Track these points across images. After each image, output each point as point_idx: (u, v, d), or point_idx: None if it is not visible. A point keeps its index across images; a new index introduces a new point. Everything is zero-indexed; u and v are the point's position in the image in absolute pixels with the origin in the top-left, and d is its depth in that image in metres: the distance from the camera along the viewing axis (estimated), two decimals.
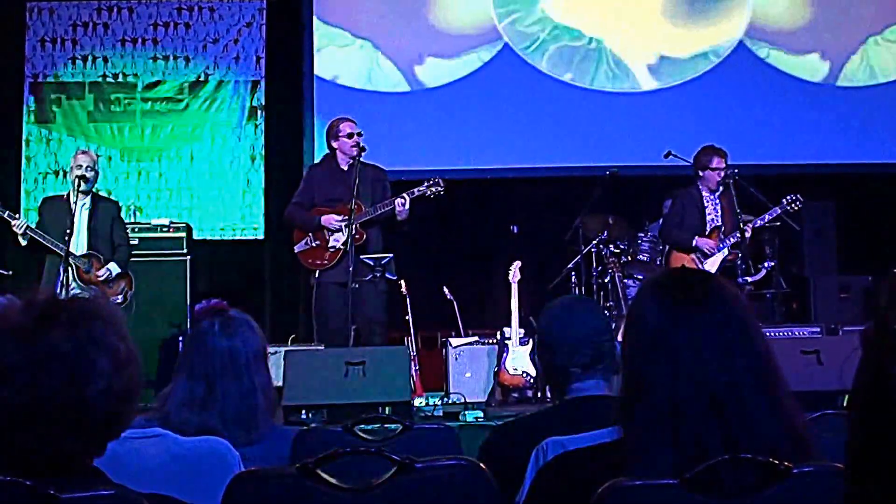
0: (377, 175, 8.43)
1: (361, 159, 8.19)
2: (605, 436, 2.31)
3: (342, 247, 8.03)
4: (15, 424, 1.91)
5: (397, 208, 8.11)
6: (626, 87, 11.40)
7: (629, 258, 9.36)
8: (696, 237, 8.76)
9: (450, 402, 7.95)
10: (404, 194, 8.14)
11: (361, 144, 8.21)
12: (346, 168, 8.27)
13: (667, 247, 9.23)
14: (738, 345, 2.10)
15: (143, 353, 2.13)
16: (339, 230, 8.12)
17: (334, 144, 8.32)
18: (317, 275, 8.28)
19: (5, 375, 1.91)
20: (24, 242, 8.10)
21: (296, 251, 8.40)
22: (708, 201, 8.87)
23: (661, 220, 10.08)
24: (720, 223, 8.77)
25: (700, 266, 8.57)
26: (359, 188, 8.04)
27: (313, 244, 8.24)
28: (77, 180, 8.26)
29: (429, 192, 8.23)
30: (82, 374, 1.92)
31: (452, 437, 3.45)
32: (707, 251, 8.70)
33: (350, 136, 8.25)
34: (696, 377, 2.06)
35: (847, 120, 11.39)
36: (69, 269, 8.05)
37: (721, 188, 8.76)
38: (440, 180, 8.24)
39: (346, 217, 8.01)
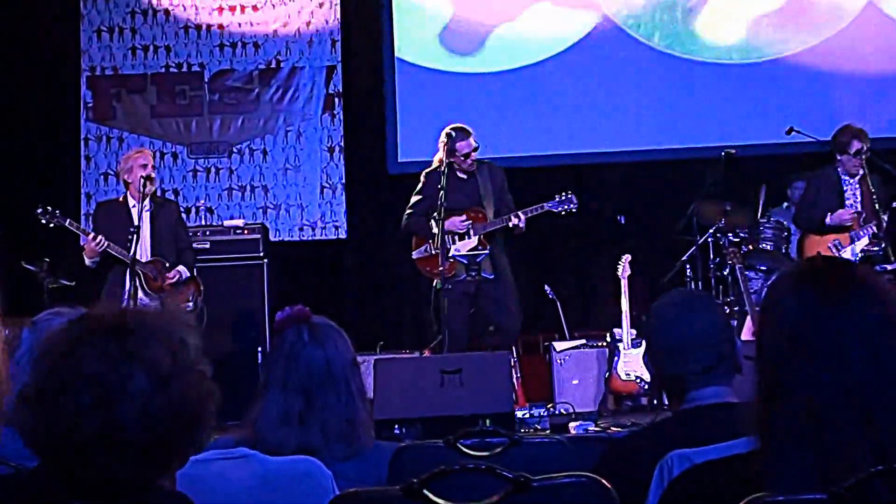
0: (495, 175, 8.72)
1: (477, 158, 8.58)
2: (738, 447, 2.29)
3: (462, 258, 8.31)
4: (61, 449, 1.96)
5: (512, 224, 8.40)
6: (740, 58, 11.24)
7: (750, 247, 9.23)
8: (830, 213, 8.64)
9: (556, 412, 7.94)
10: (519, 213, 8.41)
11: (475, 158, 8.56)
12: (464, 177, 8.58)
13: (795, 234, 9.12)
14: (888, 343, 2.06)
15: (217, 365, 2.14)
16: (463, 237, 8.42)
17: (450, 159, 8.47)
18: (435, 283, 8.40)
19: (40, 399, 1.96)
20: (89, 263, 8.18)
21: (413, 257, 8.54)
22: (847, 185, 8.74)
23: (784, 205, 9.97)
24: (860, 209, 8.63)
25: (838, 255, 8.43)
26: (482, 197, 8.53)
27: (433, 251, 8.36)
28: (143, 181, 8.28)
29: (560, 210, 8.44)
30: (111, 395, 1.94)
31: (565, 451, 3.44)
32: (846, 221, 8.55)
33: (467, 155, 8.50)
34: (840, 380, 2.04)
35: None
36: (138, 277, 8.12)
37: (861, 171, 8.61)
38: (573, 197, 8.45)
39: (470, 220, 8.41)
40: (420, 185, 8.67)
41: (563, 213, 8.51)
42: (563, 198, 8.48)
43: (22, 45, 11.47)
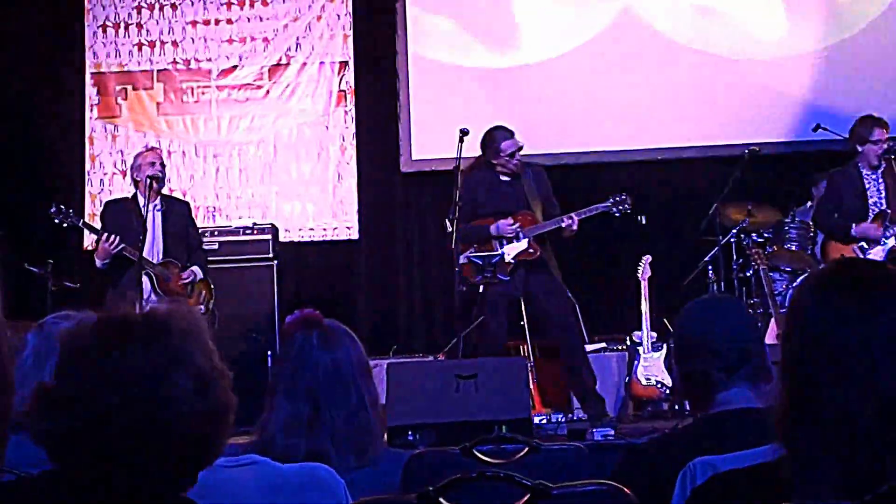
0: (539, 176, 8.65)
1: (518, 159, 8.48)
2: (764, 454, 2.28)
3: (512, 261, 8.21)
4: (90, 453, 1.94)
5: (563, 226, 8.32)
6: (763, 53, 11.19)
7: (775, 248, 9.22)
8: (855, 225, 8.58)
9: (575, 418, 7.93)
10: (572, 214, 8.33)
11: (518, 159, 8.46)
12: (507, 178, 8.50)
13: (821, 235, 9.09)
14: None
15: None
16: (512, 241, 8.31)
17: (493, 160, 8.42)
18: (481, 288, 8.36)
19: (74, 401, 1.93)
20: (100, 264, 8.17)
21: (459, 263, 8.49)
22: (869, 181, 8.69)
23: (808, 204, 9.93)
24: (885, 206, 8.58)
25: (864, 256, 8.39)
26: (528, 198, 8.42)
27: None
28: (149, 181, 8.30)
29: (615, 211, 8.41)
30: (160, 397, 1.93)
31: (584, 458, 3.44)
32: (871, 237, 8.51)
33: (512, 154, 8.41)
34: (868, 385, 2.02)
35: None
36: (148, 279, 8.12)
37: (884, 164, 8.58)
38: (628, 197, 8.40)
39: (521, 224, 8.30)
40: (461, 186, 8.66)
41: (618, 214, 8.45)
42: (618, 198, 8.41)
43: (26, 41, 11.48)
